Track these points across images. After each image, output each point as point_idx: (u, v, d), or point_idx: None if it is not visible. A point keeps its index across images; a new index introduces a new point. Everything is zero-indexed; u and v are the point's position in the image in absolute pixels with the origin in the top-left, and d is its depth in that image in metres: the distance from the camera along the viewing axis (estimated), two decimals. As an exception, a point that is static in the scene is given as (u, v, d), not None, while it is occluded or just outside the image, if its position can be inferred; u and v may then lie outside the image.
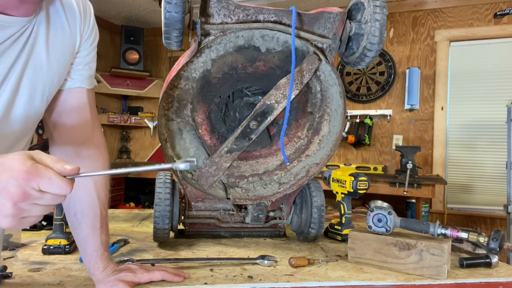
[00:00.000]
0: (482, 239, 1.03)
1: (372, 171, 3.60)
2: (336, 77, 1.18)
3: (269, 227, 1.44)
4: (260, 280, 0.97)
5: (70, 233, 1.05)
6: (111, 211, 1.94)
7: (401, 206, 3.51)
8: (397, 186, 3.12)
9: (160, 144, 1.21)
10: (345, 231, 1.37)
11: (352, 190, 1.35)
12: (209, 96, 1.21)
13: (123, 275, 0.90)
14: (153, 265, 1.03)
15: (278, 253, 1.21)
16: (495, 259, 1.08)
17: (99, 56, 1.00)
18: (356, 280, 0.98)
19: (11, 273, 0.97)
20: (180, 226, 1.38)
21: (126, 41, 4.47)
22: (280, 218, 1.42)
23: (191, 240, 1.35)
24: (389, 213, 1.09)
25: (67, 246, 1.17)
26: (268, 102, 1.17)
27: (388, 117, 3.85)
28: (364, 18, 1.12)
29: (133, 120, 4.65)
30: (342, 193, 1.39)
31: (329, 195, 1.50)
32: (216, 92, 1.21)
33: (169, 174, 1.31)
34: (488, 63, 3.60)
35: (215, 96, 1.21)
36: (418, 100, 3.75)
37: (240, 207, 1.36)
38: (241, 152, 1.24)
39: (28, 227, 0.58)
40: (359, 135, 3.82)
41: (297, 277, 1.00)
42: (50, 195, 0.55)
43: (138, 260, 1.08)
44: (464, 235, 1.05)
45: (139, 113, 4.69)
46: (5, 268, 0.97)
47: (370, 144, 3.90)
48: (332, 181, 1.43)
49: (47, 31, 0.81)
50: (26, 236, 1.36)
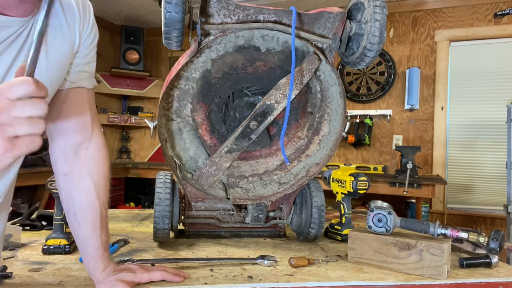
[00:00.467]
0: (482, 239, 1.03)
1: (372, 171, 3.60)
2: (336, 77, 1.18)
3: (269, 227, 1.44)
4: (260, 280, 0.97)
5: (70, 233, 1.05)
6: (111, 211, 1.94)
7: (401, 206, 3.51)
8: (397, 186, 3.12)
9: (160, 144, 1.21)
10: (345, 231, 1.37)
11: (352, 190, 1.35)
12: (209, 96, 1.21)
13: (123, 275, 0.90)
14: (153, 265, 1.03)
15: (278, 253, 1.21)
16: (495, 259, 1.08)
17: (99, 56, 1.00)
18: (356, 280, 0.98)
19: (11, 273, 0.97)
20: (180, 226, 1.38)
21: (126, 41, 4.47)
22: (280, 218, 1.42)
23: (191, 240, 1.35)
24: (389, 213, 1.09)
25: (67, 246, 1.17)
26: (268, 102, 1.17)
27: (388, 117, 3.85)
28: (364, 18, 1.12)
29: (133, 120, 4.65)
30: (342, 193, 1.39)
31: (329, 195, 1.50)
32: (216, 92, 1.21)
33: (169, 174, 1.31)
34: (488, 63, 3.60)
35: (215, 96, 1.21)
36: (418, 100, 3.75)
37: (240, 207, 1.36)
38: (241, 152, 1.24)
39: (28, 153, 0.58)
40: (359, 135, 3.82)
41: (297, 277, 1.00)
42: (24, 102, 0.55)
43: (138, 260, 1.08)
44: (464, 235, 1.05)
45: (139, 113, 4.70)
46: (5, 268, 0.97)
47: (370, 144, 3.90)
48: (332, 181, 1.43)
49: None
50: (26, 236, 1.36)
